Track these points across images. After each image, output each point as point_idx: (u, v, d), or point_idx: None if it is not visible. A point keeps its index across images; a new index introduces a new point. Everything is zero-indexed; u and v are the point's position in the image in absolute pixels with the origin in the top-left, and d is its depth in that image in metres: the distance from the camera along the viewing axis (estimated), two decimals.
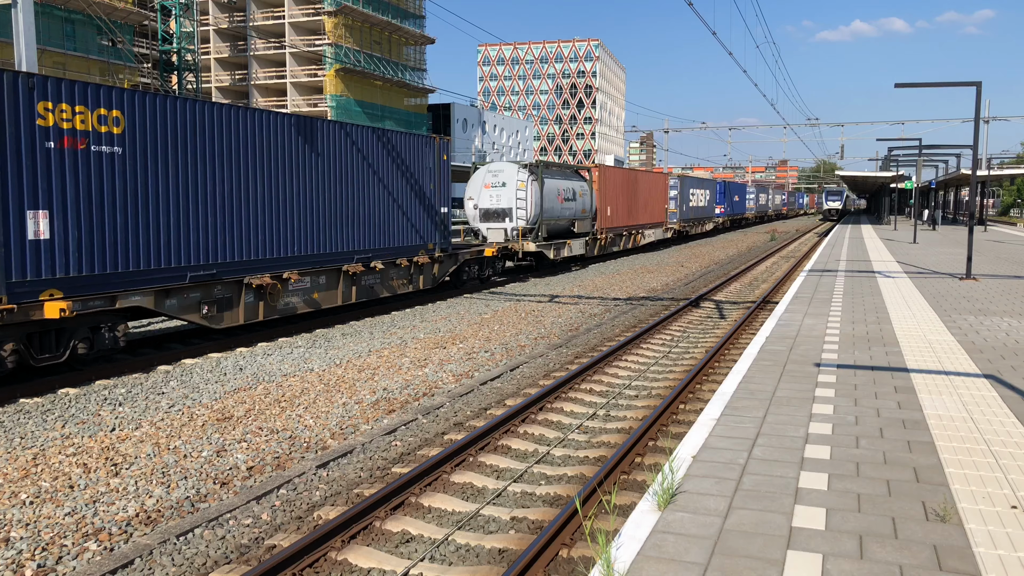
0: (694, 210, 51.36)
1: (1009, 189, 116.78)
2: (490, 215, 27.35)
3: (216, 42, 69.60)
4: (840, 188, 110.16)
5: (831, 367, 8.86)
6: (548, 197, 27.63)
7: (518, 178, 26.88)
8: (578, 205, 30.44)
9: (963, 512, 4.83)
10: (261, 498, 7.47)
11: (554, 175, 28.75)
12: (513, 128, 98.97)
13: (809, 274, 19.66)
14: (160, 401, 10.77)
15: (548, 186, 27.70)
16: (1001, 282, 17.56)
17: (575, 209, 30.19)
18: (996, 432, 6.41)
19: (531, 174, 26.98)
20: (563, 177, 29.65)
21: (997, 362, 9.08)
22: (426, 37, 74.19)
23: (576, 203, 30.25)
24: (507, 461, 8.43)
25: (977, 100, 17.93)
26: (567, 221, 29.72)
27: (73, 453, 8.61)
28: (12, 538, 6.54)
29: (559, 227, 29.17)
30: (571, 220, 30.02)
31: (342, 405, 10.66)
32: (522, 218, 26.84)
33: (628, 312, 19.29)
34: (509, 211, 26.98)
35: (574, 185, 30.42)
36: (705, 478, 5.45)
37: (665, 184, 44.15)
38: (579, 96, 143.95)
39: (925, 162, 51.12)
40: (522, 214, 26.81)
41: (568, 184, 29.80)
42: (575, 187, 30.42)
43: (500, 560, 6.24)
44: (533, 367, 13.19)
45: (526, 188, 26.79)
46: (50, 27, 43.89)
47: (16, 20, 15.66)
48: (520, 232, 26.89)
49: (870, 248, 29.90)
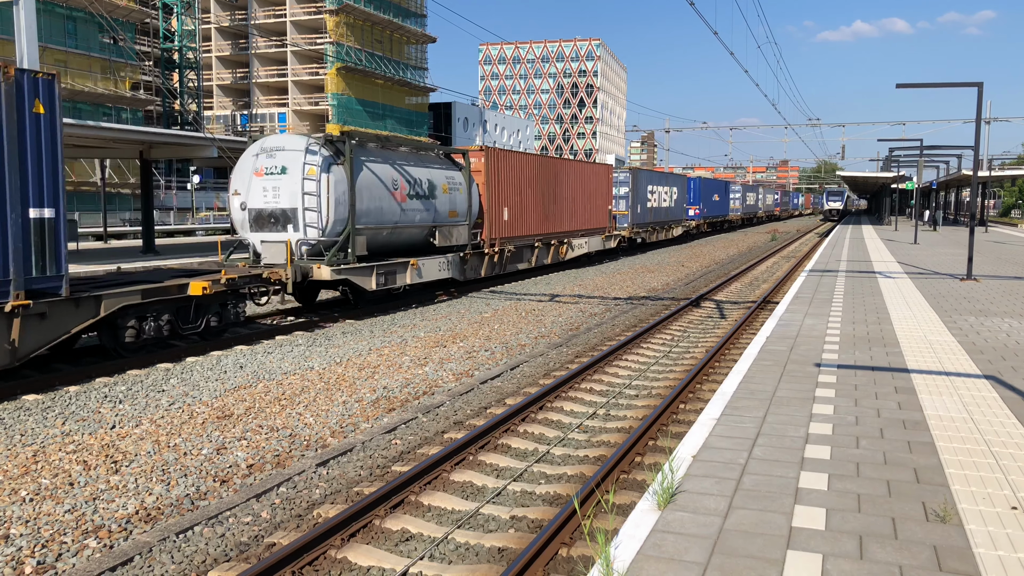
0: (655, 212, 42.45)
1: (1010, 190, 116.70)
2: (264, 219, 17.02)
3: (217, 40, 69.60)
4: (841, 188, 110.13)
5: (832, 367, 8.86)
6: (368, 191, 17.66)
7: (307, 161, 16.65)
8: (442, 204, 20.76)
9: (963, 513, 4.82)
10: (261, 496, 7.46)
11: (387, 157, 18.72)
12: (514, 127, 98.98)
13: (810, 274, 19.65)
14: (160, 398, 10.77)
15: (368, 174, 17.69)
16: (1002, 283, 17.55)
17: (437, 210, 20.55)
18: (996, 433, 6.41)
19: (331, 153, 17.01)
20: (407, 161, 19.54)
21: (998, 363, 9.07)
22: (427, 36, 74.18)
23: (438, 201, 20.55)
24: (507, 460, 8.43)
25: (978, 101, 17.92)
26: (420, 229, 19.90)
27: (73, 450, 8.61)
28: (12, 535, 6.54)
29: (400, 239, 19.36)
30: (428, 227, 20.31)
31: (342, 403, 10.66)
32: (314, 225, 16.71)
33: (629, 311, 19.29)
34: (293, 214, 16.75)
35: (433, 175, 20.36)
36: (705, 478, 5.44)
37: (607, 178, 34.75)
38: (580, 95, 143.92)
39: (926, 163, 51.07)
40: (313, 219, 16.68)
41: (420, 172, 19.76)
42: (435, 177, 20.47)
43: (500, 559, 6.24)
44: (533, 366, 13.19)
45: (319, 177, 16.59)
46: (51, 24, 43.89)
47: (18, 17, 15.67)
48: (318, 247, 17.02)
49: (871, 248, 29.88)
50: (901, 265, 22.40)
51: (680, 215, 48.76)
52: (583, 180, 31.53)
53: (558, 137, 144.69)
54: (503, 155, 24.59)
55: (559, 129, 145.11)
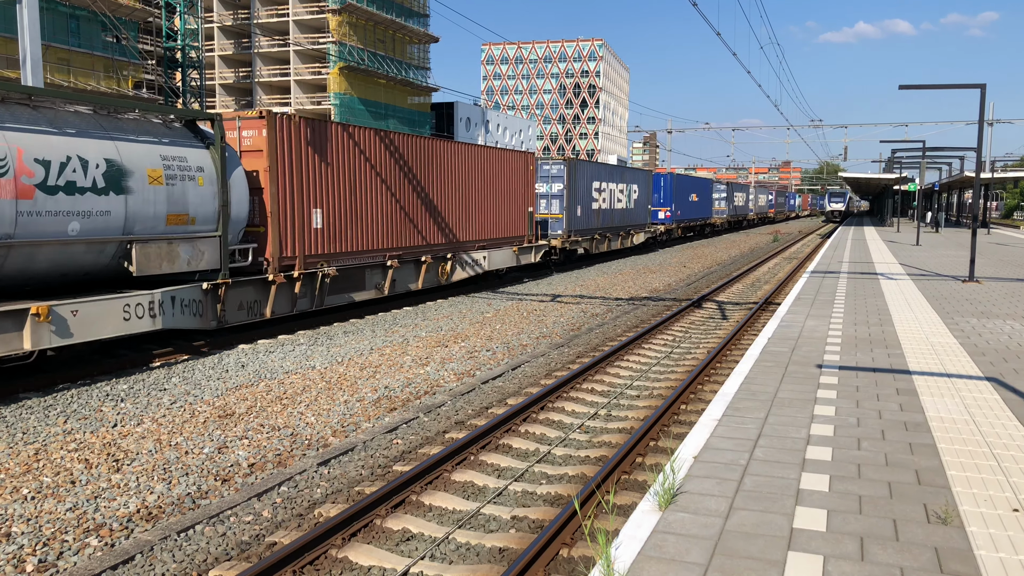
0: (605, 215, 33.82)
1: (1012, 192, 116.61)
2: None
3: (220, 39, 69.64)
4: (843, 190, 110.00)
5: (833, 368, 8.85)
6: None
7: None
8: (143, 203, 12.54)
9: (964, 515, 4.82)
10: (262, 495, 7.47)
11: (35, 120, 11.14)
12: (516, 127, 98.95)
13: (812, 275, 19.63)
14: (162, 397, 10.78)
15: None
16: (1004, 285, 17.53)
17: (132, 213, 12.36)
18: (998, 435, 6.40)
19: None
20: (41, 124, 11.26)
21: (999, 365, 9.06)
22: (430, 36, 74.20)
23: (132, 198, 12.34)
24: (508, 460, 8.43)
25: (981, 102, 17.89)
26: (87, 247, 11.78)
27: (75, 449, 8.62)
28: (14, 533, 6.55)
29: (28, 266, 11.09)
30: (110, 243, 12.08)
31: (343, 403, 10.66)
32: None
33: (630, 312, 19.28)
34: None
35: (123, 152, 12.25)
36: (706, 479, 5.44)
37: (526, 171, 26.06)
38: (582, 96, 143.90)
39: (928, 164, 51.00)
40: None
41: (80, 147, 11.55)
42: (129, 156, 12.32)
43: (500, 559, 6.24)
44: (535, 366, 13.19)
45: None
46: (54, 23, 43.94)
47: (21, 16, 15.68)
48: None
49: (873, 250, 29.86)
50: (903, 266, 22.38)
51: (643, 218, 40.14)
52: (482, 172, 23.18)
53: (560, 137, 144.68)
54: (314, 128, 16.18)
55: (561, 129, 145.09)
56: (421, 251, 20.16)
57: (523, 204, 26.11)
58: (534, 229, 26.75)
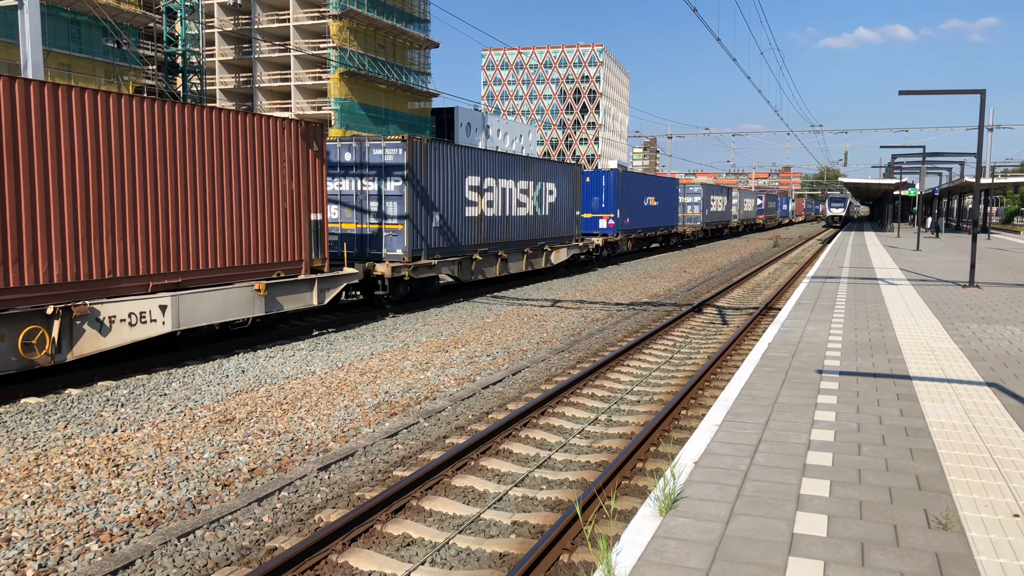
0: (490, 226, 23.85)
1: (1012, 197, 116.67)
2: None
3: (221, 45, 69.77)
4: (843, 195, 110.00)
5: (834, 374, 8.85)
6: None
7: None
8: None
9: (965, 520, 4.82)
10: (262, 500, 7.47)
11: None
12: (517, 132, 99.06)
13: (812, 280, 19.64)
14: (162, 402, 10.78)
15: None
16: (1004, 290, 17.53)
17: None
18: (999, 440, 6.40)
19: None
20: None
21: (1000, 370, 9.06)
22: (430, 41, 74.36)
23: None
24: (508, 465, 8.43)
25: (981, 108, 17.92)
26: None
27: (75, 454, 8.62)
28: (14, 538, 6.55)
29: None
30: None
31: (344, 408, 10.66)
32: None
33: (631, 317, 19.29)
34: None
35: None
36: (707, 484, 5.44)
37: (295, 150, 15.64)
38: (583, 101, 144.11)
39: (929, 169, 51.05)
40: None
41: None
42: None
43: (501, 564, 6.24)
44: (535, 371, 13.19)
45: None
46: (56, 28, 44.05)
47: (22, 21, 15.73)
48: None
49: (873, 255, 29.87)
50: (903, 272, 22.39)
51: (566, 229, 30.05)
52: (186, 151, 13.34)
53: (560, 142, 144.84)
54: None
55: (561, 135, 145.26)
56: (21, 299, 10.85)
57: (298, 212, 15.77)
58: (309, 251, 16.00)
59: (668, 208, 45.39)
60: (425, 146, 20.26)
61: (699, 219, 53.86)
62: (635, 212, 38.27)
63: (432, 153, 20.59)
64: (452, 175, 21.70)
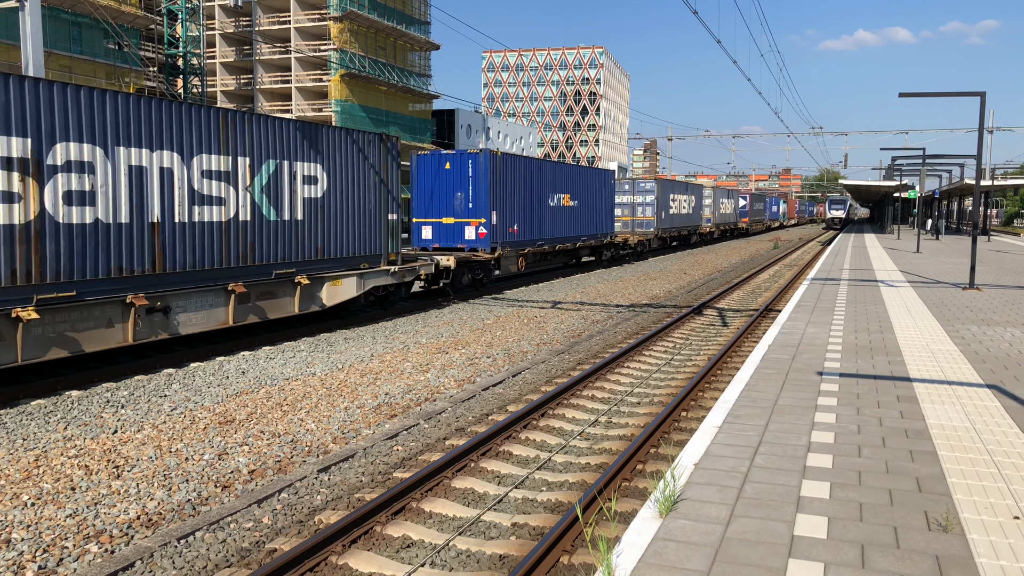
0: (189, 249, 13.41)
1: (1012, 199, 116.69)
2: None
3: (222, 46, 69.82)
4: (843, 197, 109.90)
5: (834, 376, 8.85)
6: None
7: None
8: None
9: (965, 522, 4.82)
10: (262, 502, 7.46)
11: None
12: (517, 134, 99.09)
13: (812, 282, 19.64)
14: (162, 404, 10.78)
15: None
16: (1004, 292, 17.53)
17: None
18: (999, 442, 6.40)
19: None
20: None
21: (1000, 372, 9.06)
22: (431, 43, 74.39)
23: None
24: (508, 467, 8.42)
25: (981, 110, 17.92)
26: None
27: (75, 455, 8.62)
28: (14, 539, 6.54)
29: None
30: None
31: (344, 409, 10.66)
32: None
33: (631, 318, 19.28)
34: None
35: None
36: (707, 486, 5.44)
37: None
38: (583, 103, 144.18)
39: (928, 172, 51.04)
40: None
41: None
42: None
43: (501, 566, 6.23)
44: (535, 373, 13.18)
45: None
46: (57, 30, 44.08)
47: (23, 23, 15.75)
48: None
49: (873, 257, 29.87)
50: (903, 274, 22.38)
51: (369, 246, 18.11)
52: None
53: (561, 144, 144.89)
54: None
55: (562, 137, 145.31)
56: None
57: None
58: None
59: (600, 210, 33.94)
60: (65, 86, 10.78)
61: (652, 224, 42.15)
62: (539, 216, 27.61)
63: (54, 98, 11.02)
64: None
